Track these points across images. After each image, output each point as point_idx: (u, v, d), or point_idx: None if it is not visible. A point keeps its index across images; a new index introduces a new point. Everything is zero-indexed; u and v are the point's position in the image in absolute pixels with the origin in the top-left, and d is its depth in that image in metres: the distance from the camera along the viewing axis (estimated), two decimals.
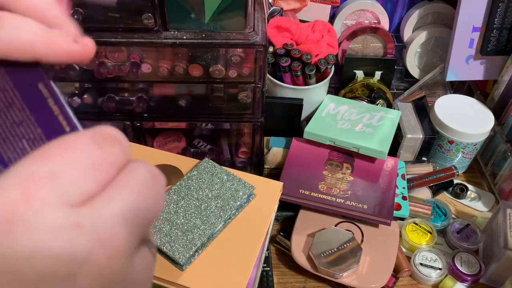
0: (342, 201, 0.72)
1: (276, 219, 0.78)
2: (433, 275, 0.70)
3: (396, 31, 1.00)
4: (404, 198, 0.77)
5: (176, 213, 0.59)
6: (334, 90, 0.97)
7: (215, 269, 0.56)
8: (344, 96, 0.94)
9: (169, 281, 0.56)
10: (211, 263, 0.56)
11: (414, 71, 0.99)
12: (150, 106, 0.73)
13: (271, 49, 0.82)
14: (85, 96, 0.71)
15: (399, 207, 0.75)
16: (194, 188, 0.62)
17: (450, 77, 0.90)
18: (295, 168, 0.77)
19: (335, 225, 0.73)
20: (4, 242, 0.17)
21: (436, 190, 0.83)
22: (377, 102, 0.91)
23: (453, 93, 0.95)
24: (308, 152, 0.80)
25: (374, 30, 0.92)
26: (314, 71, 0.80)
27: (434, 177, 0.81)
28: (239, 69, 0.68)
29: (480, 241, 0.75)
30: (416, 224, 0.76)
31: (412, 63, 0.98)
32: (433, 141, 0.84)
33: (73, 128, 0.23)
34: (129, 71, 0.66)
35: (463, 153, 0.84)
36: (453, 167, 0.81)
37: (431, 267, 0.71)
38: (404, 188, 0.79)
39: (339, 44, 0.93)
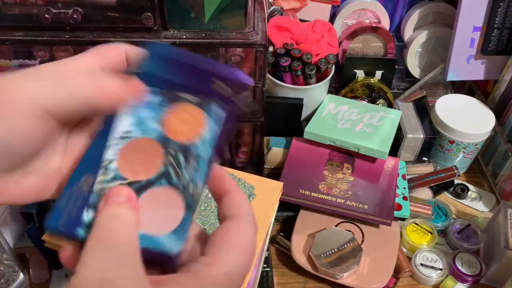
0: (342, 201, 0.72)
1: (276, 220, 0.78)
2: (434, 276, 0.70)
3: (397, 30, 0.99)
4: (404, 198, 0.77)
5: None
6: (334, 90, 0.97)
7: None
8: (344, 96, 0.93)
9: None
10: None
11: (415, 71, 0.99)
12: None
13: (271, 48, 0.82)
14: None
15: (399, 207, 0.75)
16: None
17: (451, 76, 0.90)
18: (295, 168, 0.77)
19: (336, 226, 0.73)
20: None
21: (436, 190, 0.83)
22: (378, 102, 0.90)
23: (454, 93, 0.95)
24: (308, 152, 0.80)
25: (374, 29, 0.92)
26: (314, 70, 0.80)
27: (435, 177, 0.80)
28: (239, 68, 0.67)
29: (480, 241, 0.75)
30: (417, 224, 0.76)
31: (413, 63, 0.98)
32: (434, 141, 0.84)
33: None
34: None
35: (464, 153, 0.84)
36: (454, 167, 0.81)
37: (432, 267, 0.71)
38: (404, 188, 0.78)
39: (340, 43, 0.92)
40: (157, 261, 0.26)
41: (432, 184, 0.82)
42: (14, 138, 0.24)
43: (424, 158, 0.86)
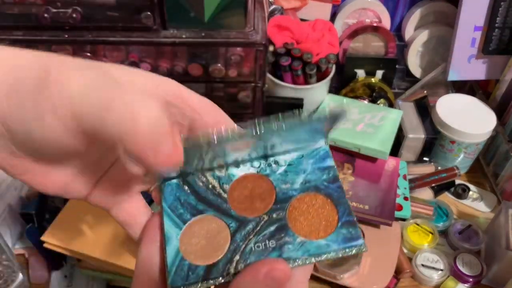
0: None
1: None
2: (435, 276, 0.70)
3: (398, 30, 0.99)
4: (405, 198, 0.76)
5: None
6: (334, 89, 0.96)
7: None
8: (345, 95, 0.93)
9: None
10: None
11: (416, 71, 0.98)
12: None
13: (271, 48, 0.82)
14: None
15: (400, 208, 0.75)
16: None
17: (452, 76, 0.90)
18: None
19: None
20: None
21: (437, 190, 0.82)
22: (378, 102, 0.90)
23: (455, 92, 0.94)
24: None
25: (375, 29, 0.92)
26: (314, 70, 0.80)
27: (436, 177, 0.80)
28: (239, 68, 0.67)
29: (481, 242, 0.74)
30: (418, 224, 0.76)
31: (414, 62, 0.97)
32: (435, 141, 0.83)
33: None
34: None
35: (465, 153, 0.84)
36: (455, 167, 0.80)
37: (433, 268, 0.71)
38: (405, 188, 0.78)
39: (340, 43, 0.92)
40: None
41: (433, 185, 0.81)
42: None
43: (425, 158, 0.86)
